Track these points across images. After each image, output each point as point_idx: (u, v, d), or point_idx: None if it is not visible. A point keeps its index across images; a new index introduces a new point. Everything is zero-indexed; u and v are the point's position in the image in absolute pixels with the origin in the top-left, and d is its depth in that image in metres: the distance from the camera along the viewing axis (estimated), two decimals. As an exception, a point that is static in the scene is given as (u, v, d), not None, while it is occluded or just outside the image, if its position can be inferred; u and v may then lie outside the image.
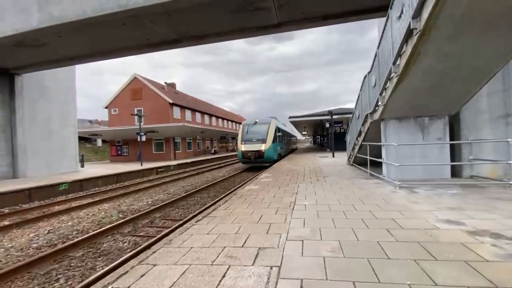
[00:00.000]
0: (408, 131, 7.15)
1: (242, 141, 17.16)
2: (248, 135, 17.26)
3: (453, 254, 2.63)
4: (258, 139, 16.69)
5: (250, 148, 16.53)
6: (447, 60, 5.02)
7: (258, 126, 17.58)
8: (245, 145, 16.83)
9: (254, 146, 16.47)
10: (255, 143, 16.59)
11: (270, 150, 16.41)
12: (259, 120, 18.10)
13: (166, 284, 2.34)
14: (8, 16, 9.45)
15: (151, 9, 8.05)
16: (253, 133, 17.27)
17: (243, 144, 16.99)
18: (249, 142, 16.87)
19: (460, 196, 5.06)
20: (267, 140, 16.52)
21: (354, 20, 9.48)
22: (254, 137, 16.92)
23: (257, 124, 17.80)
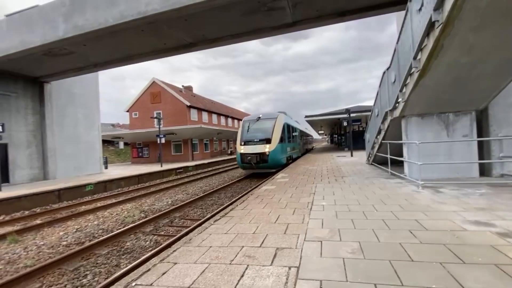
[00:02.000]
0: (431, 128, 6.84)
1: (242, 142, 13.88)
2: (249, 134, 14.03)
3: (483, 257, 2.49)
4: (261, 139, 13.43)
5: (251, 150, 13.30)
6: (473, 53, 4.75)
7: (261, 123, 14.17)
8: (245, 147, 13.59)
9: (256, 148, 13.25)
10: (257, 144, 13.36)
11: (276, 152, 13.12)
12: (263, 115, 14.61)
13: (186, 282, 2.40)
14: (37, 28, 10.09)
15: (168, 14, 8.30)
16: (255, 131, 14.01)
17: (242, 145, 13.75)
18: (250, 142, 13.63)
19: (489, 196, 4.78)
20: (272, 139, 13.21)
21: (372, 16, 9.24)
22: (256, 137, 13.67)
23: (260, 120, 14.32)
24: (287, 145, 15.24)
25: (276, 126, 13.69)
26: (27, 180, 13.78)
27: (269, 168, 13.37)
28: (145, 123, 28.85)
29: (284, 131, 14.33)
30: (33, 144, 14.28)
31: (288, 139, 15.66)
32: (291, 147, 16.47)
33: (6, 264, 4.85)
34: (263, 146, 13.18)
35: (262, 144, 13.25)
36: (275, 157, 13.07)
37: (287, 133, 15.22)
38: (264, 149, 13.08)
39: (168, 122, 27.28)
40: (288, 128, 15.64)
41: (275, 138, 13.28)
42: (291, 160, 16.29)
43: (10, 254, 5.28)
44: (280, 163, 13.67)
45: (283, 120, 14.38)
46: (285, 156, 14.38)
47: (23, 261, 4.91)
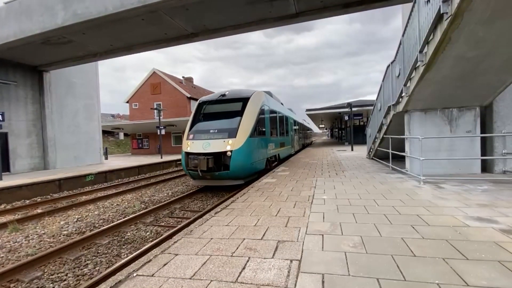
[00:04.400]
0: (435, 123, 6.78)
1: (190, 135, 8.62)
2: (203, 122, 8.95)
3: (486, 253, 2.48)
4: (220, 131, 8.30)
5: (201, 149, 7.98)
6: (481, 46, 4.65)
7: (225, 105, 9.11)
8: (194, 143, 8.27)
9: (210, 145, 7.99)
10: (213, 139, 8.13)
11: (244, 152, 7.91)
12: (231, 93, 9.40)
13: (188, 273, 2.39)
14: (35, 15, 9.91)
15: (169, 3, 8.12)
16: (212, 118, 8.97)
17: (190, 139, 8.43)
18: (202, 136, 8.35)
19: (492, 192, 4.76)
20: (239, 131, 8.03)
21: (377, 7, 9.05)
22: (213, 127, 8.53)
23: (223, 100, 9.18)
24: (268, 141, 10.02)
25: (248, 110, 8.45)
26: (27, 169, 13.79)
27: (232, 178, 7.98)
28: (145, 114, 28.72)
29: (264, 119, 9.48)
30: (33, 133, 14.23)
31: (272, 131, 10.72)
32: (275, 144, 11.28)
33: (7, 252, 4.87)
34: (222, 142, 7.84)
35: (221, 138, 7.94)
36: (242, 161, 7.75)
37: (269, 122, 10.18)
38: (223, 147, 7.75)
39: (168, 114, 27.15)
40: (271, 115, 10.66)
41: (244, 129, 8.04)
42: (276, 161, 11.45)
43: (12, 243, 5.30)
44: (251, 170, 8.32)
45: (262, 102, 9.30)
46: (262, 159, 9.24)
47: (24, 250, 4.93)
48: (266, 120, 9.91)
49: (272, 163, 10.95)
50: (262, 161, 9.30)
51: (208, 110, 9.21)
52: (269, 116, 10.27)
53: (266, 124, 9.90)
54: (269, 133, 10.34)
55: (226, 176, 7.89)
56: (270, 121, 10.40)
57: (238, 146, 7.76)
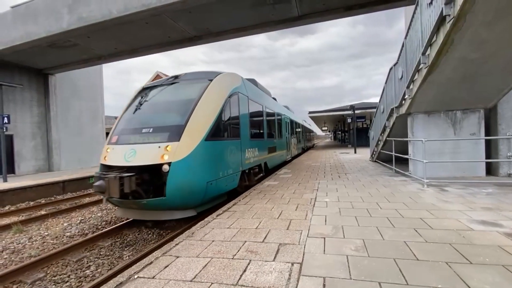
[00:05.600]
0: (438, 125, 6.74)
1: (113, 137, 5.68)
2: (137, 117, 5.92)
3: (490, 257, 2.44)
4: (158, 129, 5.23)
5: (121, 160, 4.99)
6: (484, 48, 4.63)
7: (172, 91, 6.21)
8: (115, 149, 5.34)
9: (136, 153, 4.92)
10: (143, 143, 5.10)
11: (192, 164, 4.84)
12: (185, 76, 6.48)
13: (189, 276, 2.39)
14: (41, 19, 10.07)
15: (173, 6, 8.21)
16: (152, 110, 6.01)
17: (111, 145, 5.53)
18: (129, 138, 5.35)
19: (496, 196, 4.70)
20: (186, 130, 4.96)
21: (380, 10, 9.06)
22: (148, 123, 5.45)
23: (173, 84, 6.33)
24: (246, 145, 6.99)
25: (207, 99, 5.53)
26: (32, 171, 13.93)
27: (173, 208, 5.04)
28: (148, 116, 28.85)
29: (237, 112, 6.49)
30: (38, 135, 14.39)
31: (253, 131, 7.75)
32: (260, 148, 8.25)
33: (11, 253, 4.91)
34: (156, 148, 4.90)
35: (155, 142, 5.01)
36: (189, 180, 4.83)
37: (248, 118, 7.23)
38: (156, 156, 4.80)
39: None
40: (253, 109, 7.73)
41: (195, 126, 5.13)
42: (262, 172, 8.66)
43: (15, 244, 5.34)
44: (210, 193, 5.29)
45: (233, 87, 6.37)
46: (233, 173, 6.13)
47: (27, 251, 4.96)
48: (242, 115, 6.71)
49: (256, 175, 8.06)
50: (232, 177, 6.03)
51: (148, 98, 6.12)
52: (247, 110, 7.19)
53: (242, 120, 6.75)
54: (248, 133, 7.12)
55: (161, 205, 4.71)
56: (249, 116, 7.32)
57: (183, 155, 4.64)
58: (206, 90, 5.63)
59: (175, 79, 6.44)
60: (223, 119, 5.77)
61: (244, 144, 6.87)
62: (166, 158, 4.68)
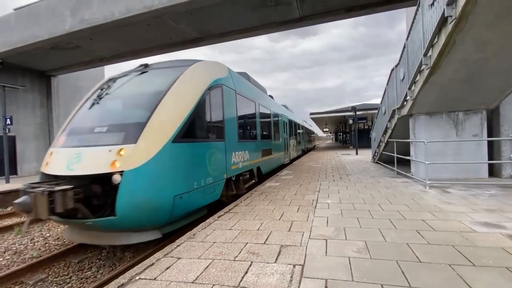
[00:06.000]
0: (440, 127, 6.71)
1: (60, 138, 4.50)
2: (90, 113, 4.82)
3: (493, 259, 2.42)
4: (112, 128, 4.10)
5: (64, 168, 3.80)
6: (486, 49, 4.61)
7: (137, 83, 5.05)
8: (59, 153, 4.10)
9: (82, 159, 3.76)
10: (90, 146, 3.94)
11: (153, 174, 3.70)
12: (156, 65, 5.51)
13: (190, 277, 2.38)
14: (44, 21, 10.14)
15: (174, 8, 8.25)
16: (110, 104, 4.94)
17: (55, 148, 4.32)
18: (76, 139, 4.23)
19: (499, 197, 4.67)
20: (146, 128, 3.84)
21: (381, 11, 9.07)
22: (102, 121, 4.35)
23: (139, 74, 5.21)
24: (232, 147, 5.92)
25: (178, 90, 4.42)
26: (34, 172, 13.99)
27: (126, 229, 3.85)
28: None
29: (220, 107, 5.45)
30: (41, 137, 14.46)
31: (242, 130, 6.63)
32: (251, 151, 7.21)
33: (13, 254, 4.92)
34: (106, 152, 3.69)
35: (105, 145, 3.81)
36: (149, 194, 3.66)
37: (235, 115, 6.19)
38: (105, 164, 3.60)
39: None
40: (241, 105, 6.58)
41: (160, 124, 3.96)
42: (253, 178, 7.60)
43: (17, 245, 5.36)
44: (181, 210, 4.15)
45: (214, 78, 5.28)
46: (214, 182, 4.99)
47: (29, 252, 4.97)
48: (228, 112, 5.65)
49: (246, 182, 7.07)
50: (212, 187, 4.86)
51: (110, 91, 5.05)
52: (235, 107, 6.12)
53: (228, 118, 5.66)
54: (235, 134, 6.05)
55: (111, 226, 3.67)
56: (238, 114, 6.25)
57: (140, 162, 3.58)
58: (178, 80, 4.52)
59: (144, 68, 5.41)
60: (199, 116, 4.61)
61: (230, 147, 5.77)
62: (118, 165, 3.51)
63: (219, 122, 5.40)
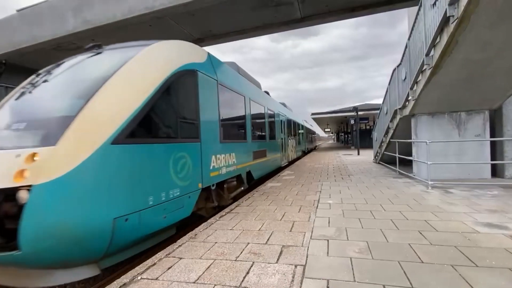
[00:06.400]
0: (442, 127, 6.69)
1: None
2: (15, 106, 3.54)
3: (496, 260, 2.41)
4: (30, 125, 2.98)
5: None
6: (488, 49, 4.59)
7: (83, 67, 3.94)
8: None
9: None
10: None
11: (80, 190, 2.57)
12: (110, 47, 4.45)
13: (192, 277, 2.39)
14: (47, 22, 10.20)
15: (176, 9, 8.28)
16: (40, 93, 3.62)
17: None
18: None
19: (502, 198, 4.65)
20: (74, 122, 2.73)
21: (383, 11, 9.06)
22: (21, 116, 3.27)
23: (92, 57, 4.11)
24: (211, 149, 4.74)
25: (126, 74, 3.31)
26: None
27: (35, 266, 2.62)
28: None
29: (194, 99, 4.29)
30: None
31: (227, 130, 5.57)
32: (239, 152, 6.14)
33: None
34: (12, 157, 2.55)
35: (16, 147, 2.68)
36: (69, 218, 2.51)
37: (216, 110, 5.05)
38: (8, 173, 2.45)
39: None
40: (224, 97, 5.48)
41: (100, 119, 2.86)
42: (241, 184, 6.34)
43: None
44: (116, 240, 2.84)
45: (183, 61, 4.13)
46: (184, 194, 3.84)
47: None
48: (206, 106, 4.57)
49: (233, 190, 5.88)
50: (180, 200, 3.78)
51: (45, 78, 4.06)
52: (216, 99, 5.02)
53: (206, 113, 4.56)
54: (216, 133, 4.95)
55: (14, 262, 2.55)
56: (220, 109, 5.14)
57: (59, 171, 2.52)
58: (129, 62, 3.42)
59: (98, 49, 4.30)
60: (159, 109, 3.43)
61: (209, 149, 4.59)
62: (26, 176, 2.44)
63: (191, 118, 4.20)
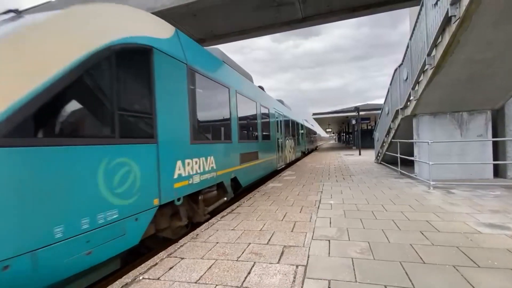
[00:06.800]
0: (444, 127, 6.66)
1: None
2: None
3: (498, 261, 2.40)
4: None
5: None
6: (490, 49, 4.58)
7: None
8: None
9: None
10: None
11: None
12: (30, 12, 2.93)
13: (193, 277, 2.39)
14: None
15: (177, 10, 8.30)
16: None
17: None
18: None
19: (504, 198, 4.62)
20: None
21: (384, 11, 9.04)
22: None
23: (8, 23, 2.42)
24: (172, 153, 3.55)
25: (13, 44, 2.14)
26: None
27: None
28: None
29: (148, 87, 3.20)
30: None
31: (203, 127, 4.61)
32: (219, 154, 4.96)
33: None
34: None
35: None
36: None
37: (185, 103, 3.90)
38: None
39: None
40: (192, 87, 4.13)
41: None
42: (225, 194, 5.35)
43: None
44: None
45: (126, 33, 2.91)
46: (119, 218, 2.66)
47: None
48: (165, 93, 3.48)
49: (212, 202, 4.84)
50: (117, 227, 2.67)
51: None
52: (184, 88, 3.92)
53: (164, 103, 3.46)
54: (184, 131, 3.90)
55: None
56: (190, 100, 4.05)
57: None
58: (26, 28, 2.35)
59: (19, 14, 2.84)
60: (76, 95, 2.44)
61: (171, 152, 3.52)
62: None
63: (141, 111, 3.12)
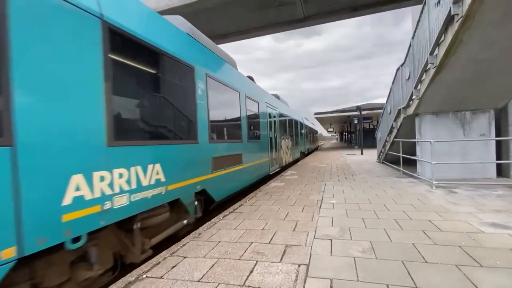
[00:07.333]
0: (446, 126, 6.64)
1: None
2: None
3: (501, 260, 2.39)
4: None
5: None
6: (493, 48, 4.55)
7: None
8: None
9: None
10: None
11: None
12: None
13: (196, 276, 2.41)
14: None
15: (180, 9, 8.31)
16: None
17: None
18: None
19: (507, 198, 4.60)
20: None
21: (386, 10, 9.00)
22: None
23: None
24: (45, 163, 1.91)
25: None
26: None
27: None
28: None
29: None
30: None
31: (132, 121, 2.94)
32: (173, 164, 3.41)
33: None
34: None
35: None
36: None
37: (87, 77, 2.26)
38: None
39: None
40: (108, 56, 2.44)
41: None
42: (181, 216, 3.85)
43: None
44: None
45: None
46: None
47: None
48: (36, 60, 1.86)
49: (164, 228, 3.55)
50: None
51: None
52: (93, 55, 2.34)
53: (33, 76, 1.84)
54: (94, 124, 2.33)
55: None
56: (103, 75, 2.40)
57: None
58: None
59: None
60: None
61: (55, 160, 2.03)
62: None
63: None
